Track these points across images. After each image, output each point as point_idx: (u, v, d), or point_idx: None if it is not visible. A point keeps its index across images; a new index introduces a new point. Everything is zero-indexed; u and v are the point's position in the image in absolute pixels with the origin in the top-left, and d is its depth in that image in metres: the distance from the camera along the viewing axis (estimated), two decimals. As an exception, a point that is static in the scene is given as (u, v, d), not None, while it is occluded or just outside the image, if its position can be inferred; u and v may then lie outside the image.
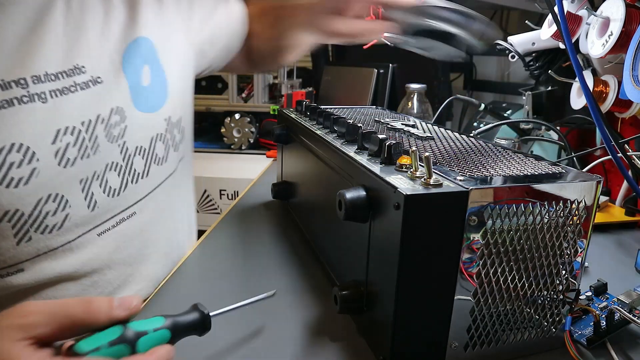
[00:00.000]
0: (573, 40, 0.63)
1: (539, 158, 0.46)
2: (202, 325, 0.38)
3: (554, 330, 0.42)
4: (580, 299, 0.45)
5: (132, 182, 0.54)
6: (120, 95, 0.52)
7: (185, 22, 0.65)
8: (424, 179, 0.36)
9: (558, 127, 0.86)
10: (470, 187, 0.35)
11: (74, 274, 0.49)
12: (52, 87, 0.46)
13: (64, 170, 0.46)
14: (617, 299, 0.47)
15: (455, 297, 0.37)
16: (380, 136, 0.45)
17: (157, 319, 0.36)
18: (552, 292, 0.41)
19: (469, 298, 0.38)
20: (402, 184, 0.36)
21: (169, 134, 0.59)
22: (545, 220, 0.38)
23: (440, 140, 0.54)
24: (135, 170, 0.54)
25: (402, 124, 0.63)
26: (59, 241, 0.47)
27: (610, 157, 0.60)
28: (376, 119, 0.68)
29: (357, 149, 0.49)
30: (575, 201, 0.39)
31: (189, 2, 0.67)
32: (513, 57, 0.88)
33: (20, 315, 0.32)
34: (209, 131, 1.60)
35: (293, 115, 0.72)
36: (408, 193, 0.34)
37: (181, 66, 0.64)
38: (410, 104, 1.10)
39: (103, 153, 0.50)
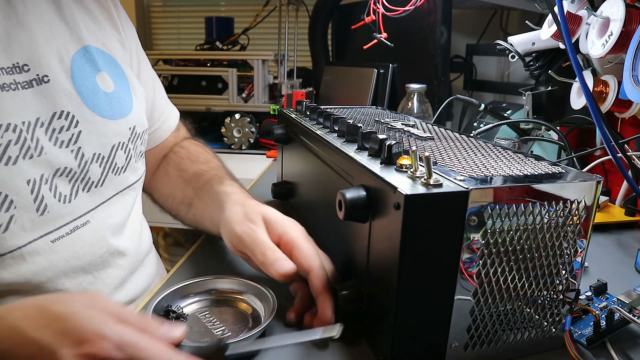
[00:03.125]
0: (573, 40, 0.63)
1: (539, 158, 0.46)
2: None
3: (554, 330, 0.42)
4: (580, 299, 0.45)
5: (83, 190, 0.51)
6: (68, 100, 0.50)
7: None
8: (424, 179, 0.36)
9: (558, 127, 0.86)
10: (470, 187, 0.35)
11: (25, 284, 0.46)
12: None
13: (5, 168, 0.44)
14: (617, 299, 0.47)
15: (455, 297, 0.37)
16: (381, 136, 0.45)
17: None
18: (552, 292, 0.41)
19: (469, 298, 0.38)
20: (402, 184, 0.36)
21: (132, 144, 0.57)
22: (545, 220, 0.38)
23: (440, 140, 0.54)
24: (89, 178, 0.51)
25: (402, 124, 0.63)
26: (5, 246, 0.44)
27: (610, 157, 0.60)
28: (376, 119, 0.68)
29: (357, 149, 0.49)
30: (575, 201, 0.39)
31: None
32: (513, 57, 0.88)
33: (91, 295, 0.38)
34: (209, 131, 1.60)
35: (293, 115, 0.72)
36: (408, 193, 0.34)
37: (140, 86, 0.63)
38: (410, 104, 1.09)
39: (50, 157, 0.47)
